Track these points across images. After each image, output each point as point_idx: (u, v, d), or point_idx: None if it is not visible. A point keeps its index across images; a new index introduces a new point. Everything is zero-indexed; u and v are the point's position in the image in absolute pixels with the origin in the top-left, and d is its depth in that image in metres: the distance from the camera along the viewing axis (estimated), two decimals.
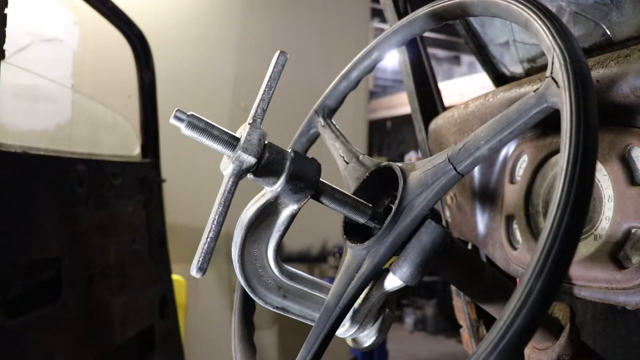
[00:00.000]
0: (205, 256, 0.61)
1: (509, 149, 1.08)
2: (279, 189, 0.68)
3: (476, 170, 1.15)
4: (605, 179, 0.83)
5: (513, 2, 0.63)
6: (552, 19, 0.59)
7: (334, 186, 0.73)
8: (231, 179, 0.65)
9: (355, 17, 4.63)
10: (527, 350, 0.87)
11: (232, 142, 0.65)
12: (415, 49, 1.44)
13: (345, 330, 0.75)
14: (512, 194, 1.04)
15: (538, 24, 0.60)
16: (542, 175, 0.99)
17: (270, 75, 0.68)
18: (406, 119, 9.67)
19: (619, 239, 0.80)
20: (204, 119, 0.65)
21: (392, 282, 0.70)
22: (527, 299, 0.47)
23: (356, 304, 0.74)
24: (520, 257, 1.01)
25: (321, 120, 0.91)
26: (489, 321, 1.35)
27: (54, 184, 1.82)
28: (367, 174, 0.79)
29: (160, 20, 3.73)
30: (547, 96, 0.58)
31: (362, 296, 0.73)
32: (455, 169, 0.65)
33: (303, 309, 0.77)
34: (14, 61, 2.01)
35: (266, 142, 0.66)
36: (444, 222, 1.31)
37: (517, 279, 1.07)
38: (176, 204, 3.25)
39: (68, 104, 3.08)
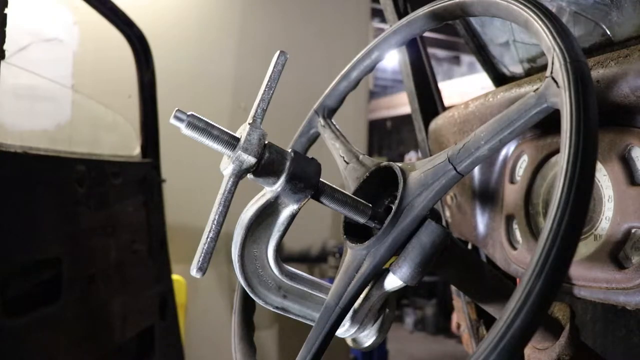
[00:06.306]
0: (205, 256, 0.60)
1: (509, 149, 1.08)
2: (279, 189, 0.68)
3: (476, 170, 1.15)
4: (605, 179, 0.83)
5: (513, 2, 0.63)
6: (552, 19, 0.59)
7: (334, 186, 0.73)
8: (231, 179, 0.65)
9: (355, 17, 4.62)
10: (527, 350, 0.87)
11: (232, 142, 0.65)
12: (415, 49, 1.44)
13: (345, 330, 0.75)
14: (512, 194, 1.04)
15: (538, 24, 0.59)
16: (542, 175, 0.99)
17: (270, 75, 0.68)
18: (406, 119, 9.66)
19: (619, 239, 0.80)
20: (204, 118, 0.65)
21: (392, 282, 0.70)
22: (527, 299, 0.47)
23: (356, 304, 0.74)
24: (520, 257, 1.01)
25: (321, 120, 0.91)
26: (489, 321, 1.35)
27: (54, 184, 1.81)
28: (367, 174, 0.79)
29: (160, 20, 3.73)
30: (547, 96, 0.58)
31: (362, 296, 0.73)
32: (455, 169, 0.65)
33: (303, 309, 0.77)
34: (14, 61, 2.01)
35: (266, 142, 0.66)
36: (444, 222, 1.31)
37: (517, 279, 1.07)
38: (176, 204, 3.25)
39: (68, 104, 3.08)
